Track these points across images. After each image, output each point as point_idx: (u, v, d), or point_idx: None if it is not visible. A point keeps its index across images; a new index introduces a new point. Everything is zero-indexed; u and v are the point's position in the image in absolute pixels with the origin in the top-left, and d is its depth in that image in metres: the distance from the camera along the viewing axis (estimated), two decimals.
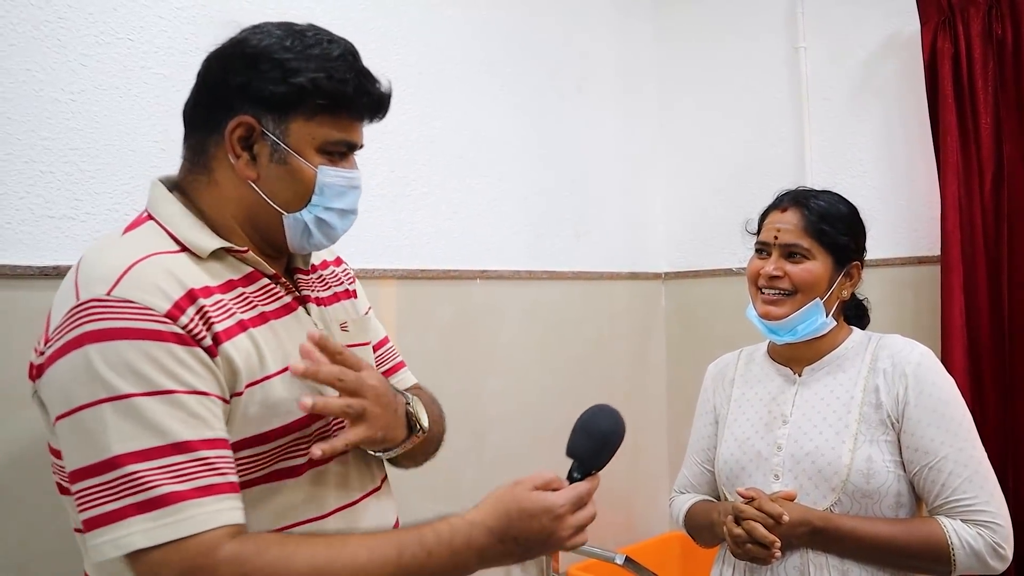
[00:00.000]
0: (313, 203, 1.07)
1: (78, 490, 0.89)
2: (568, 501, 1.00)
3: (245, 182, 1.05)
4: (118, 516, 0.87)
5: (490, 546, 0.97)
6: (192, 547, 0.87)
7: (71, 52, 1.54)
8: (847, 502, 1.36)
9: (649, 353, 2.88)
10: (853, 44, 2.49)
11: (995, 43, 2.15)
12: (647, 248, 2.91)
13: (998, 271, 2.16)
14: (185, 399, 0.91)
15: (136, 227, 1.05)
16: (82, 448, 0.90)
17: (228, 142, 1.04)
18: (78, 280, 0.96)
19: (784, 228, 1.46)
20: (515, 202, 2.42)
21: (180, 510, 0.87)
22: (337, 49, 1.06)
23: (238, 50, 1.06)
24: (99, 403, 0.89)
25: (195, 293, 0.96)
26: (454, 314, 2.24)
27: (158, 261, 0.97)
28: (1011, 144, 2.13)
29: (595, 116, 2.71)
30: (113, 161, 1.59)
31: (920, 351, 1.43)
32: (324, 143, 1.06)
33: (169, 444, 0.89)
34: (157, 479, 0.87)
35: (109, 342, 0.90)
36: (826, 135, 2.55)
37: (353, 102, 1.06)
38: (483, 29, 2.35)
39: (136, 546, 0.86)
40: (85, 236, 1.55)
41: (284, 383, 1.03)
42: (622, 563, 2.08)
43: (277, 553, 0.90)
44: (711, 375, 1.68)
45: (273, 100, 1.02)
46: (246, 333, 1.01)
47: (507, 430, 2.35)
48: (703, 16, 2.86)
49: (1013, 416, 2.12)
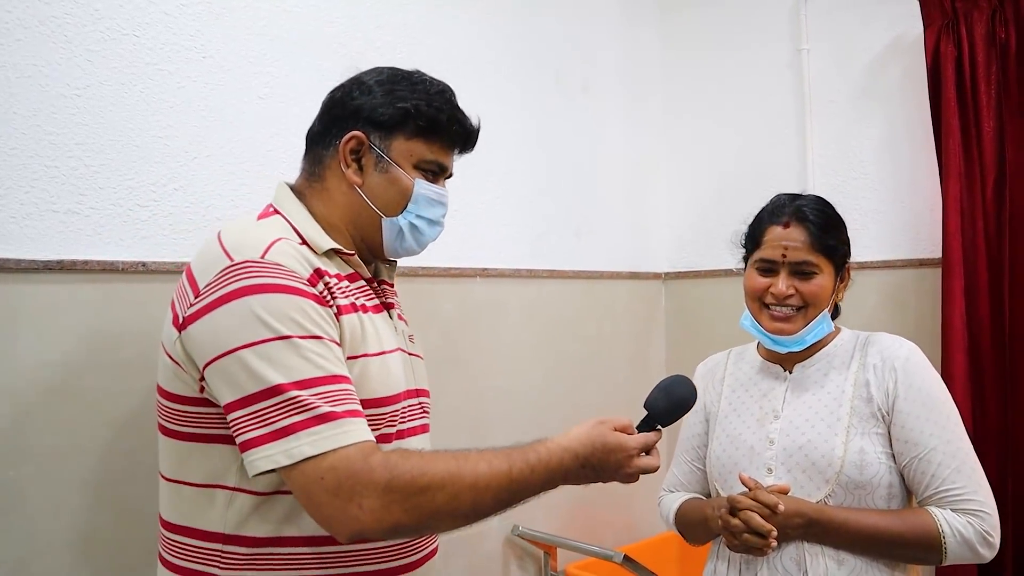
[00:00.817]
0: (408, 210, 1.25)
1: (240, 416, 1.04)
2: (639, 445, 1.19)
3: (352, 188, 1.24)
4: (287, 432, 1.02)
5: (575, 469, 1.15)
6: (352, 453, 1.03)
7: (77, 48, 1.54)
8: (841, 494, 1.39)
9: (649, 353, 2.89)
10: (856, 47, 2.49)
11: (998, 47, 2.15)
12: (648, 248, 2.92)
13: (999, 274, 2.16)
14: (329, 344, 1.09)
15: (267, 217, 1.23)
16: (244, 380, 1.04)
17: (341, 153, 1.23)
18: (226, 247, 1.12)
19: (792, 246, 1.46)
20: (517, 201, 2.43)
21: (339, 425, 1.03)
22: (436, 87, 1.27)
23: (356, 81, 1.27)
24: (263, 342, 1.04)
25: (321, 271, 1.14)
26: (455, 312, 2.24)
27: (291, 243, 1.15)
28: (1013, 148, 2.13)
29: (599, 117, 2.72)
30: (117, 157, 1.59)
31: (908, 347, 1.46)
32: (420, 160, 1.25)
33: (324, 376, 1.05)
34: (316, 402, 1.03)
35: (269, 294, 1.07)
36: (829, 137, 2.56)
37: (446, 129, 1.26)
38: (488, 30, 2.35)
39: (306, 454, 1.01)
40: (89, 231, 1.55)
41: (377, 364, 1.18)
42: (621, 562, 2.09)
43: (417, 460, 1.07)
44: (700, 375, 1.70)
45: (381, 120, 1.22)
46: (356, 313, 1.18)
47: (508, 427, 2.35)
48: (707, 19, 2.86)
49: (1014, 418, 2.12)
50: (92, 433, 1.53)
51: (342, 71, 1.22)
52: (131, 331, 1.58)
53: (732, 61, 2.79)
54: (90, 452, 1.53)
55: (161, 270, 1.63)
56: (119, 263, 1.58)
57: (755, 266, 1.51)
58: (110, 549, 1.54)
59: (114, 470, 1.55)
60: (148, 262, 1.62)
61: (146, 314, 1.59)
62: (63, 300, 1.51)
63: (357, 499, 1.02)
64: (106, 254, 1.58)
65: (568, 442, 1.16)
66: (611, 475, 1.19)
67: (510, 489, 1.10)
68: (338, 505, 1.02)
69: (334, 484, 1.01)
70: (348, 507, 1.02)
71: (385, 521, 1.03)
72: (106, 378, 1.54)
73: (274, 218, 1.22)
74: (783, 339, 1.48)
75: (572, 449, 1.15)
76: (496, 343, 2.36)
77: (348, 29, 2.00)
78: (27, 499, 1.45)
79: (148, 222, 1.64)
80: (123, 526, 1.55)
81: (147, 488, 1.57)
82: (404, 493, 1.03)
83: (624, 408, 1.19)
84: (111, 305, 1.57)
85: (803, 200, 1.52)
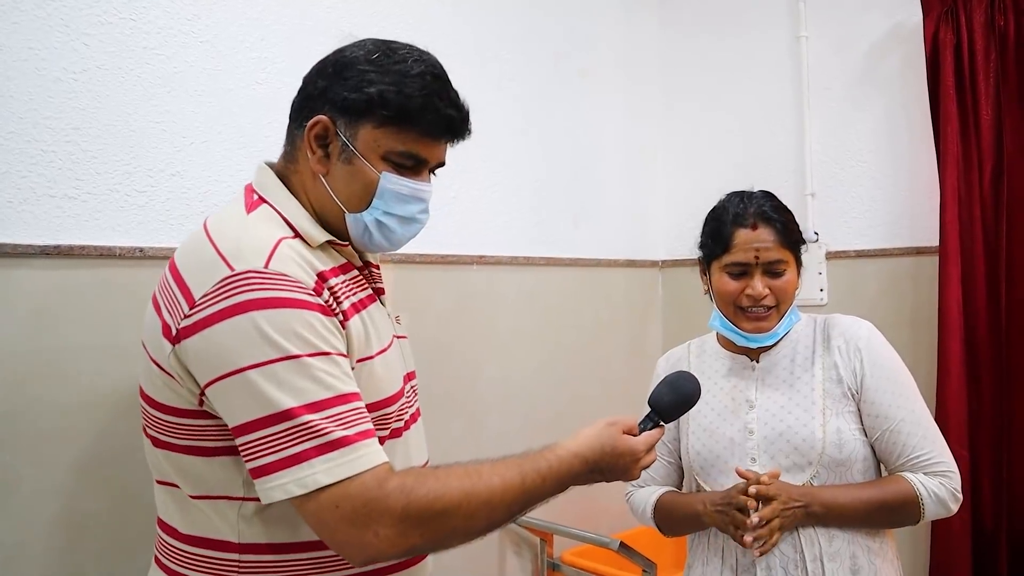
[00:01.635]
0: (374, 206, 1.15)
1: (250, 440, 1.00)
2: (646, 446, 1.21)
3: (318, 176, 1.15)
4: (300, 459, 0.98)
5: (583, 473, 1.15)
6: (367, 480, 0.99)
7: (73, 31, 1.54)
8: (824, 473, 1.43)
9: (645, 340, 2.89)
10: (855, 34, 2.48)
11: (997, 35, 2.15)
12: (645, 236, 2.92)
13: (996, 263, 2.16)
14: (337, 359, 1.04)
15: (255, 209, 1.14)
16: (252, 403, 0.99)
17: (306, 138, 1.14)
18: (222, 251, 1.05)
19: (763, 247, 1.48)
20: (515, 188, 2.43)
21: (353, 450, 1.00)
22: (418, 68, 1.14)
23: (332, 58, 1.17)
24: (271, 363, 0.99)
25: (325, 275, 1.09)
26: (452, 299, 2.24)
27: (290, 244, 1.09)
28: (1011, 136, 2.14)
29: (597, 104, 2.71)
30: (114, 141, 1.59)
31: (866, 326, 1.53)
32: (388, 152, 1.14)
33: (334, 396, 1.01)
34: (328, 426, 0.99)
35: (274, 309, 1.01)
36: (827, 125, 2.55)
37: (417, 118, 1.13)
38: (486, 14, 2.35)
39: (320, 483, 0.98)
40: (86, 216, 1.55)
41: (381, 364, 1.15)
42: (617, 549, 2.09)
43: (433, 482, 1.03)
44: (663, 368, 1.68)
45: (346, 105, 1.12)
46: (359, 315, 1.13)
47: (504, 415, 2.36)
48: (706, 6, 2.85)
49: (1009, 404, 2.13)
50: (88, 417, 1.53)
51: None
52: (128, 316, 1.57)
53: (731, 48, 2.78)
54: (86, 435, 1.53)
55: (158, 256, 1.62)
56: (116, 248, 1.58)
57: (726, 271, 1.51)
58: (106, 532, 1.55)
59: (110, 454, 1.55)
60: (145, 247, 1.62)
61: (143, 299, 1.56)
62: (59, 285, 1.51)
63: (373, 527, 0.99)
64: (103, 239, 1.57)
65: (578, 447, 1.15)
66: (618, 476, 1.20)
67: (522, 501, 1.10)
68: (354, 533, 0.99)
69: (350, 512, 0.99)
70: (364, 535, 0.99)
71: (400, 546, 1.01)
72: (102, 363, 1.54)
73: (263, 209, 1.14)
74: (756, 337, 1.51)
75: (582, 455, 1.15)
76: (492, 331, 2.36)
77: (346, 15, 1.99)
78: (23, 482, 1.45)
79: (145, 207, 1.63)
80: (119, 509, 1.56)
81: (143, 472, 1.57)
82: (420, 519, 1.01)
83: (620, 396, 1.20)
84: (108, 290, 1.57)
85: (758, 199, 1.53)
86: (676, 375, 1.34)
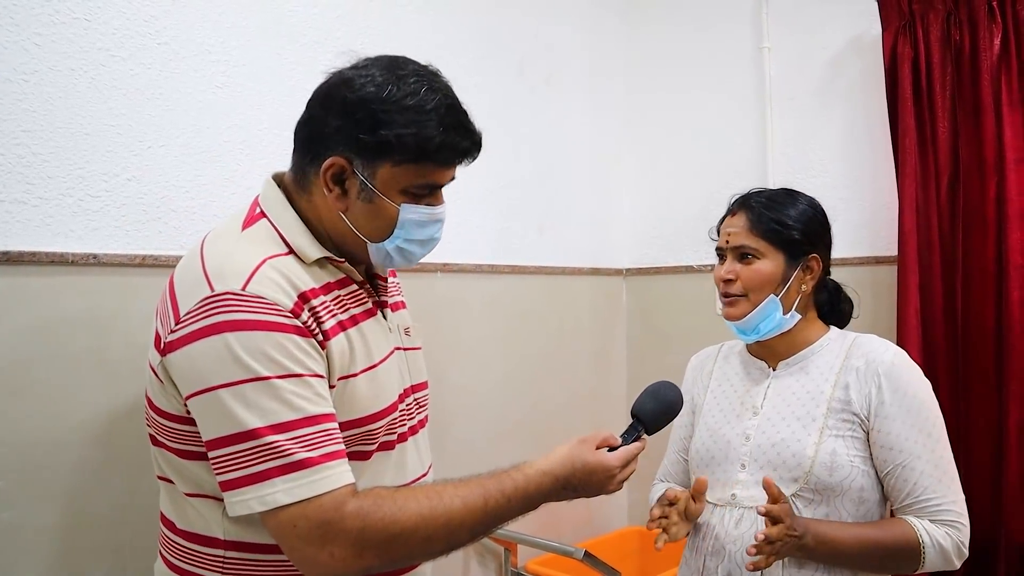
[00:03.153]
0: (395, 235, 1.18)
1: (219, 455, 1.04)
2: (621, 461, 1.21)
3: (336, 211, 1.16)
4: (262, 477, 1.02)
5: (554, 491, 1.17)
6: (325, 502, 1.02)
7: (24, 31, 1.49)
8: (809, 494, 1.38)
9: (610, 349, 2.89)
10: (817, 46, 2.52)
11: (953, 49, 2.19)
12: (609, 244, 2.92)
13: (953, 272, 2.20)
14: (309, 380, 1.06)
15: (252, 224, 1.17)
16: (222, 421, 1.03)
17: (322, 178, 1.14)
18: (207, 270, 1.08)
19: (733, 231, 1.49)
20: (479, 195, 2.41)
21: (315, 472, 1.03)
22: (432, 100, 1.14)
23: (341, 93, 1.14)
24: (240, 383, 1.03)
25: (307, 295, 1.10)
26: (416, 307, 2.20)
27: (275, 264, 1.10)
28: (967, 149, 2.17)
29: (562, 111, 2.71)
30: (67, 145, 1.54)
31: (894, 351, 1.45)
32: (407, 187, 1.16)
33: (302, 418, 1.04)
34: (292, 447, 1.02)
35: (247, 332, 1.04)
36: (789, 135, 2.58)
37: (436, 156, 1.15)
38: (449, 19, 2.33)
39: (280, 503, 1.01)
40: (37, 221, 1.50)
41: (366, 381, 1.16)
42: (582, 558, 2.08)
43: (390, 506, 1.06)
44: (692, 367, 1.71)
45: (363, 147, 1.12)
46: (344, 333, 1.15)
47: (469, 423, 2.34)
48: (671, 16, 2.87)
49: (965, 412, 2.17)
50: (42, 427, 1.48)
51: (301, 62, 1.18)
52: (82, 324, 1.53)
53: (694, 58, 2.80)
54: (39, 447, 1.48)
55: (113, 262, 1.58)
56: (69, 255, 1.53)
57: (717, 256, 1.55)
58: (62, 541, 1.50)
59: (64, 464, 1.50)
60: (100, 254, 1.57)
61: (98, 306, 1.55)
62: (10, 293, 1.46)
63: (328, 547, 1.03)
64: (55, 245, 1.53)
65: (548, 465, 1.17)
66: (594, 493, 1.21)
67: (485, 522, 1.12)
68: (309, 552, 1.03)
69: (306, 532, 1.02)
70: (319, 554, 1.03)
71: (355, 567, 1.05)
72: (56, 372, 1.50)
73: (260, 225, 1.17)
74: (734, 325, 1.50)
75: (552, 472, 1.16)
76: (457, 339, 2.34)
77: (308, 19, 1.96)
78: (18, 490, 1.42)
79: (100, 213, 1.59)
80: (75, 519, 1.51)
81: (96, 480, 1.54)
82: (376, 541, 1.05)
83: (585, 404, 1.19)
84: (61, 298, 1.52)
85: (767, 191, 1.53)
86: (658, 384, 1.34)
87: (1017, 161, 2.11)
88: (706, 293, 2.67)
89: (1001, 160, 2.11)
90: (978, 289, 2.16)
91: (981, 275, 2.15)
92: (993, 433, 2.12)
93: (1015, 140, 2.11)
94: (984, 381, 2.14)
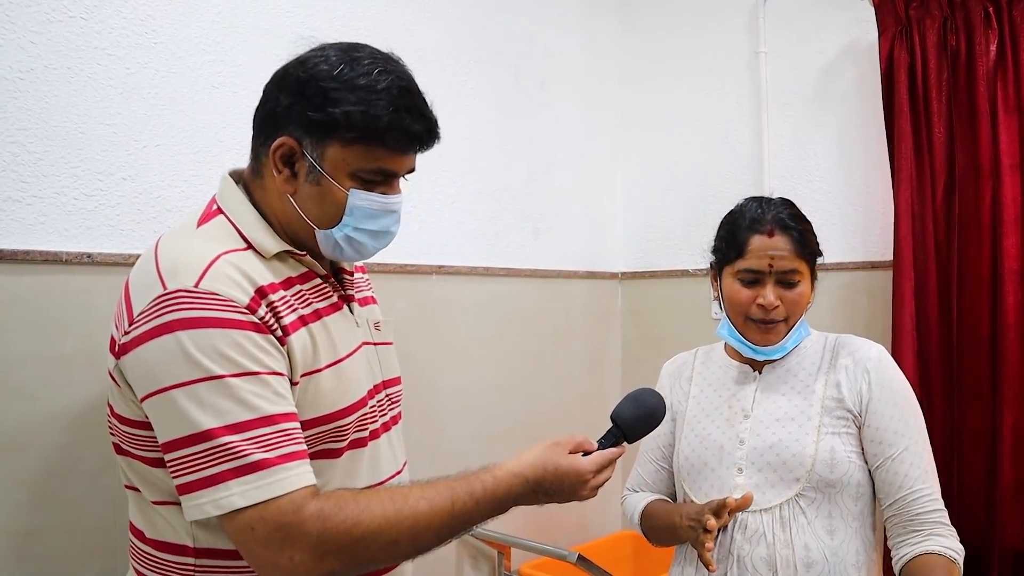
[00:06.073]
0: (344, 223, 1.14)
1: (174, 458, 1.01)
2: (595, 466, 1.17)
3: (285, 194, 1.14)
4: (217, 480, 0.98)
5: (525, 494, 1.13)
6: (283, 505, 0.99)
7: (20, 29, 1.49)
8: (812, 493, 1.39)
9: (605, 352, 2.89)
10: (813, 51, 2.52)
11: (949, 54, 2.19)
12: (605, 247, 2.92)
13: (948, 277, 2.20)
14: (267, 379, 1.03)
15: (208, 220, 1.14)
16: (176, 422, 1.00)
17: (272, 158, 1.12)
18: (160, 269, 1.05)
19: (778, 255, 1.43)
20: (475, 198, 2.41)
21: (271, 474, 0.99)
22: (384, 81, 1.10)
23: (294, 72, 1.13)
24: (193, 383, 0.99)
25: (264, 290, 1.07)
26: (411, 309, 2.22)
27: (231, 259, 1.07)
28: (963, 154, 2.17)
29: (557, 115, 2.71)
30: (62, 143, 1.54)
31: (877, 349, 1.49)
32: (357, 170, 1.12)
33: (258, 418, 1.00)
34: (248, 448, 0.99)
35: (199, 329, 1.00)
36: (784, 140, 2.58)
37: (385, 137, 1.11)
38: (445, 23, 2.33)
39: (235, 506, 0.98)
40: (31, 220, 1.50)
41: (331, 376, 1.13)
42: (575, 561, 2.08)
43: (353, 508, 1.03)
44: (667, 373, 1.68)
45: (312, 125, 1.10)
46: (305, 328, 1.11)
47: (463, 425, 2.34)
48: (666, 21, 2.87)
49: (960, 417, 2.17)
50: (34, 428, 1.47)
51: None
52: (75, 324, 1.52)
53: (690, 62, 2.80)
54: (30, 448, 1.47)
55: (107, 262, 1.57)
56: (62, 254, 1.53)
57: (738, 277, 1.46)
58: (50, 544, 1.49)
59: (55, 465, 1.50)
60: (93, 253, 1.57)
61: (91, 306, 1.54)
62: (2, 291, 1.45)
63: (288, 551, 0.99)
64: (49, 244, 1.52)
65: (518, 467, 1.14)
66: (567, 497, 1.18)
67: (452, 525, 1.09)
68: (268, 556, 1.00)
69: (264, 536, 0.99)
70: (279, 558, 1.00)
71: (316, 571, 1.01)
72: (48, 372, 1.49)
73: (217, 221, 1.14)
74: (767, 349, 1.48)
75: (522, 474, 1.13)
76: (452, 341, 2.34)
77: (304, 19, 1.96)
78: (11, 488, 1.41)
79: (94, 212, 1.58)
80: (63, 521, 1.50)
81: (87, 483, 1.53)
82: (337, 544, 1.01)
83: (579, 408, 1.18)
84: (54, 297, 1.51)
85: (777, 205, 1.50)
86: (640, 390, 1.31)
87: (1012, 166, 2.11)
88: (701, 297, 2.67)
89: (997, 165, 2.11)
90: (973, 294, 2.16)
91: (976, 280, 2.15)
92: (987, 438, 2.12)
93: (1011, 145, 2.11)
94: (979, 386, 2.14)
